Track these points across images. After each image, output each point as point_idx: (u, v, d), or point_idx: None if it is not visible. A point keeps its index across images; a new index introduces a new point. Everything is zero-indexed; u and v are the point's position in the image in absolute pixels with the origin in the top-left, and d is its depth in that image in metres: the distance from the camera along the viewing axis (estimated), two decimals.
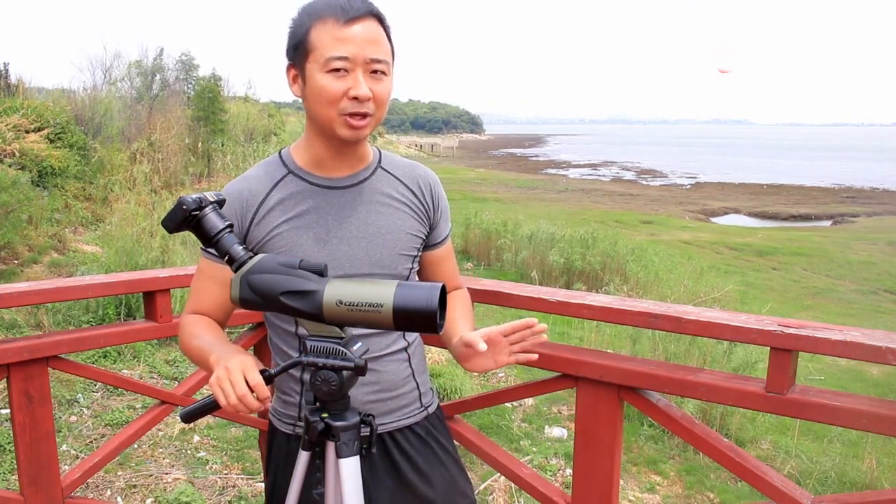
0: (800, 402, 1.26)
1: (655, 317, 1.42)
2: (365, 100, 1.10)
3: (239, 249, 1.01)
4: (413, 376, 1.31)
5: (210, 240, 1.01)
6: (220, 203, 1.04)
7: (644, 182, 29.88)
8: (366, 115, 1.12)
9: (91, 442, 3.28)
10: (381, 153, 1.29)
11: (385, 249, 1.22)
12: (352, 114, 1.11)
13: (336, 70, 1.08)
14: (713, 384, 1.36)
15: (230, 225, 1.02)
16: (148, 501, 2.80)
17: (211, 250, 1.13)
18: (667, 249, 10.82)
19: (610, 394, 1.49)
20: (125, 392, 3.73)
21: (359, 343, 1.02)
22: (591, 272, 8.37)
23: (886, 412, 1.18)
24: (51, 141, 8.04)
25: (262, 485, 2.87)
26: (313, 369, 1.00)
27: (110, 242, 5.86)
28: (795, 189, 26.62)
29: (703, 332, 1.39)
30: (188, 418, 1.06)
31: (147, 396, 2.23)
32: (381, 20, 1.13)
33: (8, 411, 2.57)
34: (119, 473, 3.00)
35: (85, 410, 3.59)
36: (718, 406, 3.91)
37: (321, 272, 1.00)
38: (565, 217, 13.85)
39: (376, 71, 1.11)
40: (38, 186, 7.22)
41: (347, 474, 1.03)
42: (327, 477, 1.07)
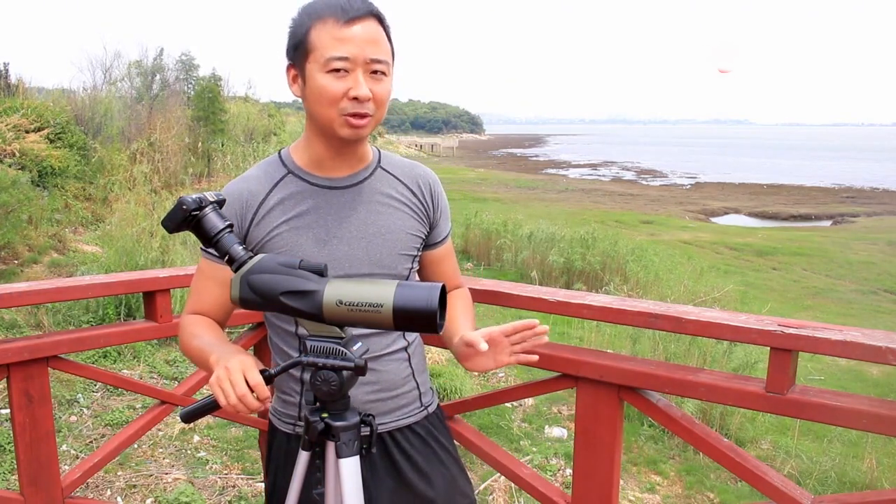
0: (800, 402, 1.26)
1: (655, 317, 1.42)
2: (365, 100, 1.10)
3: (239, 249, 1.01)
4: (413, 376, 1.31)
5: (210, 240, 1.01)
6: (220, 203, 1.04)
7: (644, 182, 29.87)
8: (366, 115, 1.12)
9: (91, 442, 3.28)
10: (381, 153, 1.29)
11: (385, 249, 1.22)
12: (352, 114, 1.11)
13: (336, 70, 1.08)
14: (713, 384, 1.36)
15: (230, 225, 1.02)
16: (148, 501, 2.80)
17: (211, 250, 1.13)
18: (667, 249, 10.81)
19: (610, 394, 1.49)
20: (125, 392, 3.73)
21: (359, 343, 1.02)
22: (591, 272, 8.37)
23: (886, 412, 1.18)
24: (51, 141, 8.04)
25: (262, 485, 2.87)
26: (313, 369, 1.00)
27: (110, 242, 5.86)
28: (795, 189, 26.63)
29: (703, 332, 1.39)
30: (188, 418, 1.06)
31: (147, 396, 2.23)
32: (381, 20, 1.13)
33: (8, 411, 2.57)
34: (119, 473, 3.00)
35: (85, 410, 3.59)
36: (718, 406, 3.91)
37: (321, 272, 1.00)
38: (565, 217, 13.84)
39: (376, 71, 1.11)
40: (38, 186, 7.22)
41: (347, 474, 1.03)
42: (327, 477, 1.07)
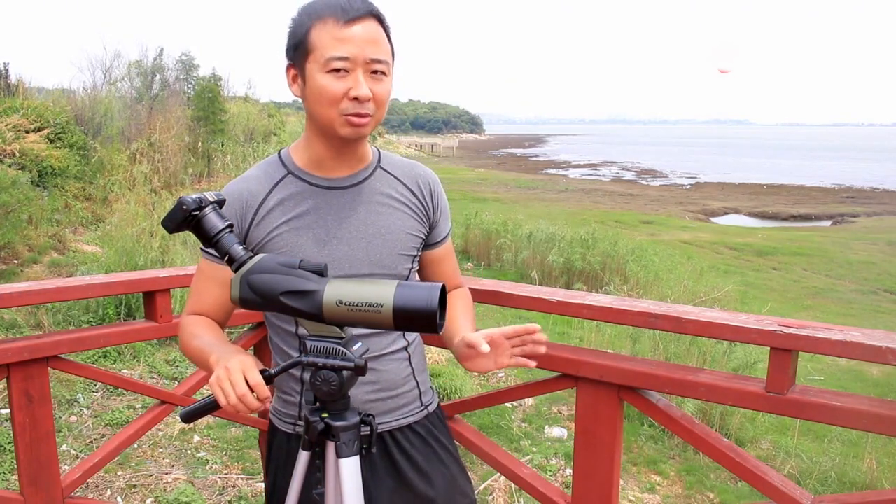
0: (800, 402, 1.26)
1: (655, 317, 1.42)
2: (365, 100, 1.10)
3: (239, 249, 1.01)
4: (413, 375, 1.31)
5: (210, 240, 1.01)
6: (220, 203, 1.04)
7: (644, 182, 29.88)
8: (366, 115, 1.12)
9: (91, 442, 3.28)
10: (381, 153, 1.29)
11: (385, 250, 1.22)
12: (352, 114, 1.11)
13: (336, 70, 1.08)
14: (713, 384, 1.36)
15: (230, 225, 1.02)
16: (148, 501, 2.80)
17: (211, 251, 1.13)
18: (667, 249, 10.82)
19: (610, 394, 1.49)
20: (125, 392, 3.73)
21: (359, 343, 1.02)
22: (591, 272, 8.37)
23: (886, 412, 1.18)
24: (51, 141, 8.04)
25: (262, 485, 2.87)
26: (313, 369, 1.00)
27: (110, 242, 5.86)
28: (795, 189, 26.63)
29: (703, 332, 1.39)
30: (188, 418, 1.06)
31: (147, 396, 2.23)
32: (381, 20, 1.13)
33: (8, 411, 2.57)
34: (119, 473, 3.00)
35: (85, 410, 3.59)
36: (718, 406, 3.91)
37: (321, 272, 1.00)
38: (565, 217, 13.85)
39: (376, 71, 1.11)
40: (38, 186, 7.22)
41: (347, 474, 1.03)
42: (327, 477, 1.07)
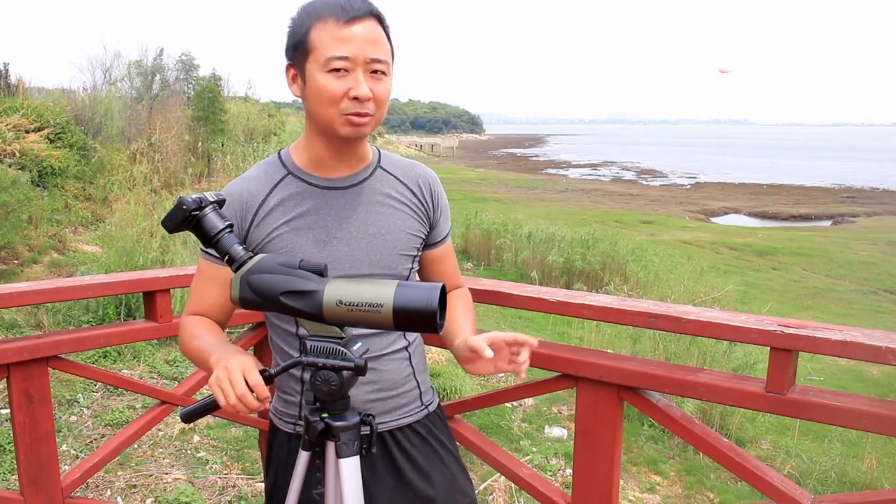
0: (800, 402, 1.26)
1: (655, 317, 1.42)
2: (365, 100, 1.10)
3: (239, 249, 1.01)
4: (414, 375, 1.31)
5: (210, 240, 1.01)
6: (220, 203, 1.04)
7: (644, 182, 29.88)
8: (366, 115, 1.12)
9: (91, 442, 3.28)
10: (381, 153, 1.29)
11: (385, 250, 1.22)
12: (353, 113, 1.11)
13: (336, 70, 1.08)
14: (713, 384, 1.36)
15: (230, 225, 1.02)
16: (148, 501, 2.80)
17: (211, 251, 1.13)
18: (667, 249, 10.82)
19: (610, 394, 1.49)
20: (125, 392, 3.73)
21: (359, 343, 1.02)
22: (591, 272, 8.38)
23: (886, 412, 1.18)
24: (51, 141, 8.04)
25: (262, 485, 2.87)
26: (313, 369, 1.00)
27: (110, 242, 5.86)
28: (795, 189, 26.64)
29: (703, 332, 1.39)
30: (188, 418, 1.06)
31: (147, 396, 2.23)
32: (381, 20, 1.13)
33: (8, 411, 2.57)
34: (119, 473, 3.00)
35: (85, 410, 3.59)
36: (718, 406, 3.91)
37: (321, 272, 0.99)
38: (565, 217, 13.86)
39: (376, 71, 1.11)
40: (38, 186, 7.22)
41: (347, 474, 1.03)
42: (327, 477, 1.07)
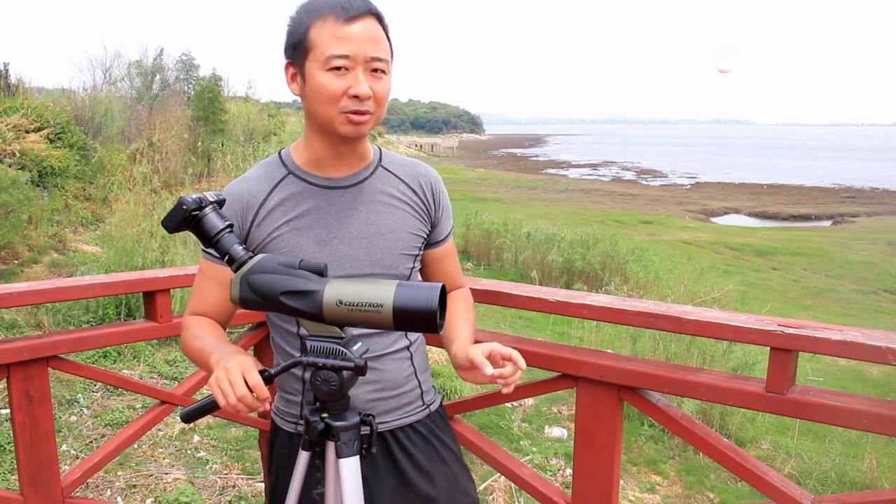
0: (800, 402, 1.26)
1: (655, 317, 1.42)
2: (365, 98, 1.10)
3: (239, 249, 1.00)
4: (415, 374, 1.31)
5: (210, 240, 1.01)
6: (220, 203, 1.04)
7: (644, 182, 29.89)
8: (366, 113, 1.12)
9: (91, 442, 3.28)
10: (382, 151, 1.29)
11: (386, 249, 1.21)
12: (352, 111, 1.11)
13: (336, 68, 1.08)
14: (713, 384, 1.36)
15: (230, 225, 1.01)
16: (148, 501, 2.80)
17: (211, 251, 1.13)
18: (667, 249, 10.83)
19: (610, 394, 1.49)
20: (125, 392, 3.73)
21: (359, 343, 1.02)
22: (591, 272, 8.38)
23: (886, 412, 1.18)
24: (51, 141, 8.04)
25: (262, 485, 2.87)
26: (313, 369, 1.00)
27: (110, 242, 5.86)
28: (795, 189, 26.64)
29: (703, 332, 1.39)
30: (188, 418, 1.06)
31: (147, 396, 2.23)
32: (381, 19, 1.13)
33: (8, 411, 2.57)
34: (119, 473, 3.00)
35: (85, 410, 3.59)
36: (718, 406, 3.91)
37: (321, 272, 0.99)
38: (565, 217, 13.86)
39: (376, 69, 1.11)
40: (38, 186, 7.22)
41: (347, 474, 1.03)
42: (327, 477, 1.07)
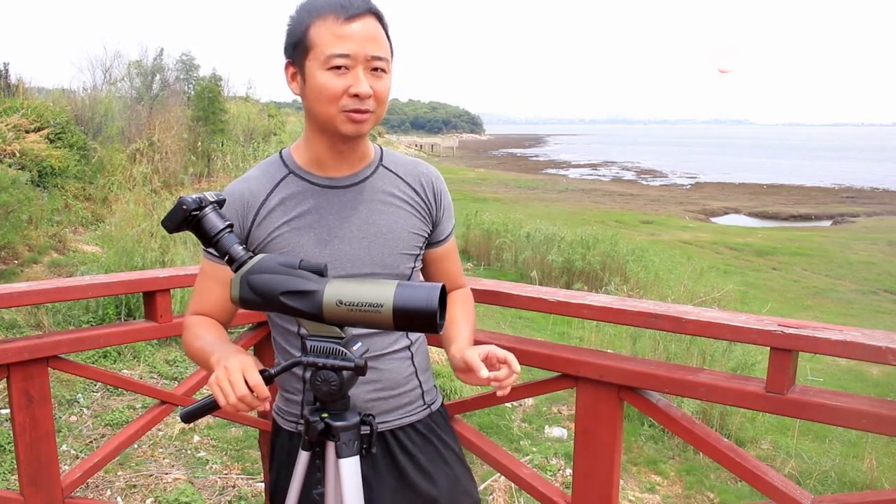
0: (800, 402, 1.26)
1: (655, 317, 1.42)
2: (366, 97, 1.10)
3: (239, 249, 1.00)
4: (416, 374, 1.31)
5: (210, 240, 1.00)
6: (221, 203, 1.04)
7: (644, 182, 29.90)
8: (367, 112, 1.12)
9: (91, 442, 3.28)
10: (383, 150, 1.28)
11: (387, 249, 1.21)
12: (353, 110, 1.11)
13: (337, 67, 1.08)
14: (713, 384, 1.36)
15: (230, 225, 1.01)
16: (148, 501, 2.80)
17: (211, 251, 1.13)
18: (667, 249, 10.83)
19: (610, 394, 1.49)
20: (125, 392, 3.73)
21: (359, 343, 1.02)
22: (592, 272, 8.38)
23: (886, 412, 1.18)
24: (51, 141, 8.03)
25: (262, 485, 2.86)
26: (313, 369, 1.00)
27: (110, 242, 5.85)
28: (795, 189, 26.65)
29: (703, 332, 1.39)
30: (188, 418, 1.06)
31: (147, 396, 2.23)
32: (380, 18, 1.13)
33: (8, 411, 2.57)
34: (119, 473, 3.00)
35: (85, 410, 3.59)
36: (718, 406, 3.91)
37: (321, 272, 0.99)
38: (565, 217, 13.86)
39: (377, 68, 1.11)
40: (38, 186, 7.21)
41: (347, 474, 1.03)
42: (327, 477, 1.07)
